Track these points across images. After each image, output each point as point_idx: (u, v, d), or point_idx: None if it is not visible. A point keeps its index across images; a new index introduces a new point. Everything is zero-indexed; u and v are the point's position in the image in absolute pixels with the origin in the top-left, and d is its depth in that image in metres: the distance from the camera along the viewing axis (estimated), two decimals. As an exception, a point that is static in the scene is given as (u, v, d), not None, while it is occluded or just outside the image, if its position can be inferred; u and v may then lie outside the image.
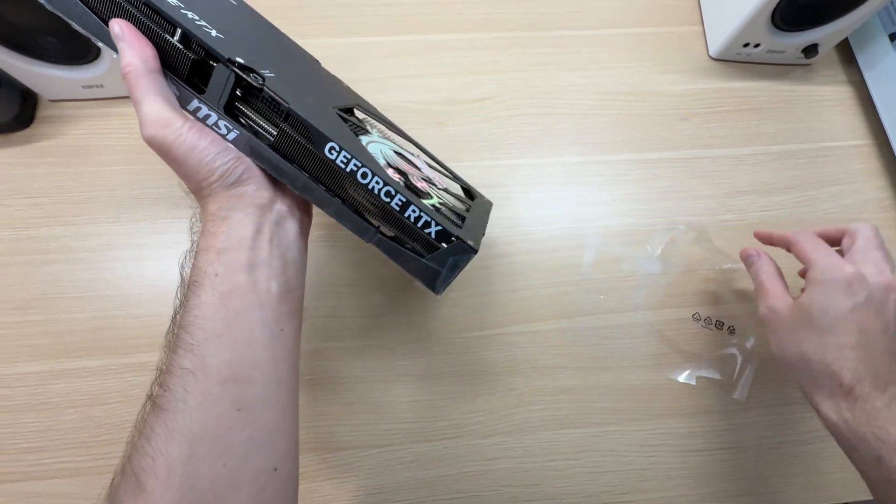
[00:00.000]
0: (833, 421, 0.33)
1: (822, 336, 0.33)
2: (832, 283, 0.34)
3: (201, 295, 0.26)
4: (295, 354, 0.29)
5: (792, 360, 0.35)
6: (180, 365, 0.25)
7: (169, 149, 0.27)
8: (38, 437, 0.41)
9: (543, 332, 0.47)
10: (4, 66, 0.43)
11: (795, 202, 0.53)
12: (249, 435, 0.25)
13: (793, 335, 0.35)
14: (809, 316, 0.34)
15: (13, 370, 0.42)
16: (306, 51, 0.41)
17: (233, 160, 0.28)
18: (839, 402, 0.33)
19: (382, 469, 0.43)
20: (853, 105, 0.58)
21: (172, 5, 0.27)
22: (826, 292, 0.34)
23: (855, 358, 0.32)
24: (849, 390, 0.32)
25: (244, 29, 0.33)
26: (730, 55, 0.57)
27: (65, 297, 0.44)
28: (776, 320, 0.36)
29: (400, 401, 0.45)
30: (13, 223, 0.46)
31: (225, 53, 0.27)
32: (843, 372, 0.32)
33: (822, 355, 0.33)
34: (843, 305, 0.33)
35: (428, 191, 0.33)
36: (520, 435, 0.45)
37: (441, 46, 0.55)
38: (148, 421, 0.24)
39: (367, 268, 0.47)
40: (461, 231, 0.31)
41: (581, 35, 0.57)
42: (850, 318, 0.33)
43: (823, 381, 0.33)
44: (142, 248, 0.46)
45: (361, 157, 0.29)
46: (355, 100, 0.38)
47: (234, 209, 0.28)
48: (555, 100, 0.54)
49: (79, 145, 0.48)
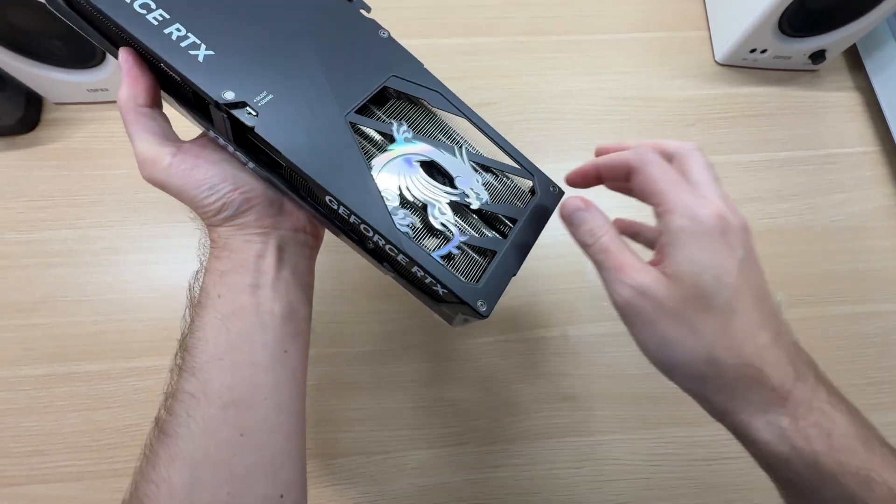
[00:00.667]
0: (776, 450, 0.22)
1: (726, 320, 0.22)
2: (706, 233, 0.22)
3: (204, 317, 0.26)
4: (301, 377, 0.29)
5: (691, 368, 0.23)
6: (184, 389, 0.25)
7: (163, 187, 0.27)
8: (41, 440, 0.41)
9: (547, 339, 0.47)
10: (9, 68, 0.43)
11: (802, 209, 0.53)
12: (253, 461, 0.25)
13: (683, 327, 0.22)
14: (701, 291, 0.22)
15: (16, 373, 0.42)
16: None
17: (228, 193, 0.27)
18: (778, 417, 0.21)
19: (385, 476, 0.43)
20: (861, 111, 0.57)
21: (153, 25, 0.25)
22: (708, 249, 0.22)
23: (771, 342, 0.22)
24: (785, 395, 0.21)
25: (250, 6, 0.28)
26: (736, 60, 0.57)
27: (68, 300, 0.44)
28: (649, 309, 0.22)
29: (402, 407, 0.44)
30: (17, 226, 0.46)
31: (212, 89, 0.24)
32: (769, 368, 0.22)
33: (736, 350, 0.22)
34: (731, 267, 0.22)
35: (450, 228, 0.28)
36: (523, 442, 0.44)
37: (447, 51, 0.55)
38: (154, 446, 0.24)
39: (369, 273, 0.47)
40: (472, 292, 0.27)
41: (588, 40, 0.57)
42: (743, 283, 0.22)
43: (746, 390, 0.22)
44: (146, 252, 0.46)
45: (363, 210, 0.26)
46: (390, 69, 0.30)
47: (236, 236, 0.28)
48: (561, 105, 0.54)
49: (83, 148, 0.49)
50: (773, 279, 0.23)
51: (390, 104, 0.31)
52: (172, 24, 0.25)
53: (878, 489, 0.20)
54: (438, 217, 0.28)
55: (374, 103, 0.30)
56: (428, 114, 0.32)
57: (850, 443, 0.21)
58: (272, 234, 0.28)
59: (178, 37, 0.25)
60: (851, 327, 0.49)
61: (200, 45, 0.25)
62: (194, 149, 0.27)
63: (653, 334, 0.23)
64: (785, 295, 0.49)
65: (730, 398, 0.22)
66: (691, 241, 0.22)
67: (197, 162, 0.27)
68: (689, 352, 0.22)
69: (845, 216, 0.53)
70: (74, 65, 0.45)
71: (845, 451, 0.21)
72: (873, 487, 0.20)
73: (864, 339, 0.49)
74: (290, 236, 0.29)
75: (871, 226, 0.53)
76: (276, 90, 0.26)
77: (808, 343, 0.48)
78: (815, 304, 0.50)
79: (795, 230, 0.52)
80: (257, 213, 0.28)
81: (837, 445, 0.21)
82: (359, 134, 0.29)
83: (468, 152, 0.31)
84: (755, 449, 0.23)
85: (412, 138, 0.29)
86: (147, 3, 0.25)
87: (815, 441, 0.21)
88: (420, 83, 0.31)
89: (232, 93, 0.25)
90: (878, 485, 0.20)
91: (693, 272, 0.22)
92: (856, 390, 0.47)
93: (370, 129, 0.29)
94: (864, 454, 0.21)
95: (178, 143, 0.27)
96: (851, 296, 0.50)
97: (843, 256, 0.51)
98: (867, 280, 0.51)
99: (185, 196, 0.27)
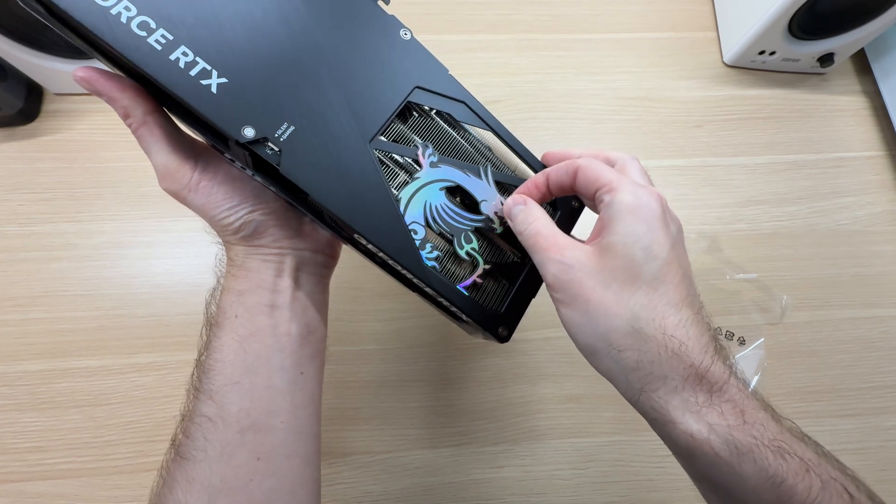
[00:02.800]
0: (693, 428, 0.21)
1: (653, 290, 0.21)
2: (648, 209, 0.22)
3: (222, 337, 0.26)
4: (317, 399, 0.28)
5: (614, 341, 0.22)
6: (201, 412, 0.25)
7: (184, 202, 0.26)
8: (40, 436, 0.41)
9: (552, 340, 0.47)
10: (10, 58, 0.43)
11: (808, 213, 0.53)
12: (270, 486, 0.25)
13: (609, 297, 0.22)
14: (630, 261, 0.22)
15: (15, 368, 0.42)
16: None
17: (247, 214, 0.26)
18: (695, 395, 0.21)
19: (388, 475, 0.42)
20: (868, 115, 0.57)
21: (156, 51, 0.21)
22: (643, 221, 0.22)
23: (693, 318, 0.22)
24: (703, 372, 0.21)
25: (258, 14, 0.24)
26: (744, 62, 0.57)
27: (69, 294, 0.44)
28: (576, 281, 0.22)
29: (406, 406, 0.44)
30: (17, 219, 0.45)
31: (230, 126, 0.22)
32: (691, 342, 0.21)
33: (660, 321, 0.21)
34: (665, 241, 0.22)
35: (475, 256, 0.28)
36: (527, 443, 0.44)
37: (454, 47, 0.55)
38: (170, 469, 0.24)
39: (373, 272, 0.47)
40: (494, 319, 0.28)
41: (596, 38, 0.57)
42: (673, 259, 0.22)
43: (666, 364, 0.21)
44: (147, 247, 0.46)
45: (391, 248, 0.26)
46: (413, 79, 0.28)
47: (253, 256, 0.27)
48: (569, 103, 0.54)
49: (84, 140, 0.48)
50: (777, 282, 0.23)
51: (414, 120, 0.29)
52: (178, 47, 0.22)
53: (791, 460, 0.20)
54: (465, 246, 0.28)
55: (398, 117, 0.28)
56: (454, 128, 0.31)
57: (762, 417, 0.21)
58: (289, 255, 0.28)
59: (187, 63, 0.22)
60: (855, 331, 0.49)
61: (212, 71, 0.22)
62: (213, 162, 0.27)
63: (578, 307, 0.22)
64: (790, 298, 0.49)
65: (648, 374, 0.21)
66: (631, 215, 0.22)
67: (217, 179, 0.26)
68: (612, 323, 0.22)
69: (850, 220, 0.53)
70: (77, 55, 0.44)
71: (758, 425, 0.20)
72: (786, 458, 0.20)
73: (867, 344, 0.49)
74: (307, 257, 0.29)
75: (876, 230, 0.53)
76: (296, 120, 0.24)
77: (812, 346, 0.48)
78: (819, 307, 0.50)
79: (801, 233, 0.52)
80: (275, 234, 0.28)
81: (750, 420, 0.21)
82: (384, 156, 0.27)
83: (493, 171, 0.30)
84: (672, 429, 0.21)
85: (438, 162, 0.29)
86: (146, 21, 0.21)
87: (730, 417, 0.21)
88: (445, 94, 0.29)
89: (252, 129, 0.23)
90: (790, 456, 0.20)
91: (626, 243, 0.22)
92: (858, 394, 0.47)
93: (395, 155, 0.28)
94: (775, 427, 0.21)
95: (195, 153, 0.26)
96: (855, 300, 0.50)
97: (848, 260, 0.52)
98: (871, 284, 0.51)
99: (204, 215, 0.27)
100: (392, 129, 0.28)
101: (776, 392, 0.47)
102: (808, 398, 0.47)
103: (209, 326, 0.27)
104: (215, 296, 0.28)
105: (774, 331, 0.49)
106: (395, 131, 0.28)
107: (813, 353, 0.48)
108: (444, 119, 0.30)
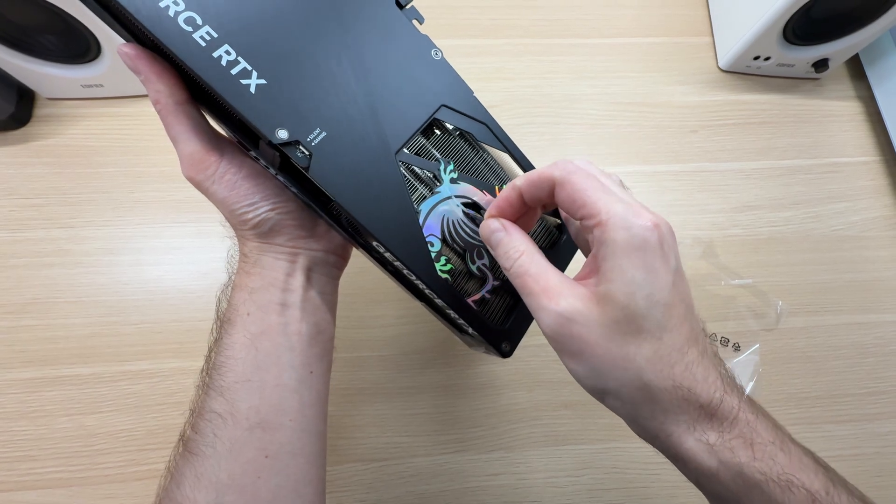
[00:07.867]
0: (706, 465, 0.21)
1: (658, 341, 0.21)
2: (644, 247, 0.20)
3: (233, 334, 0.26)
4: (324, 398, 0.29)
5: (624, 395, 0.21)
6: (211, 408, 0.25)
7: (205, 192, 0.26)
8: (30, 445, 0.40)
9: (546, 346, 0.46)
10: (1, 62, 0.42)
11: (803, 218, 0.53)
12: (277, 484, 0.25)
13: (614, 354, 0.21)
14: (633, 313, 0.20)
15: (5, 376, 0.41)
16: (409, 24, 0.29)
17: (266, 211, 0.27)
18: (706, 433, 0.21)
19: (382, 483, 0.42)
20: (862, 121, 0.57)
21: (200, 47, 0.22)
22: (644, 265, 0.20)
23: (699, 357, 0.21)
24: (712, 411, 0.21)
25: (299, 20, 0.25)
26: (739, 67, 0.57)
27: (60, 301, 0.43)
28: (577, 337, 0.21)
29: (401, 414, 0.44)
30: (8, 224, 0.45)
31: (266, 126, 0.23)
32: (699, 386, 0.21)
33: (668, 373, 0.21)
34: (665, 282, 0.21)
35: (486, 272, 0.29)
36: (522, 450, 0.44)
37: (450, 52, 0.54)
38: (178, 465, 0.24)
39: (369, 277, 0.46)
40: (499, 335, 0.29)
41: (592, 43, 0.57)
42: (675, 297, 0.21)
43: (678, 411, 0.21)
44: (140, 253, 0.45)
45: (408, 257, 0.26)
46: (440, 98, 0.29)
47: (267, 253, 0.27)
48: (564, 108, 0.54)
49: (77, 145, 0.47)
50: (772, 287, 0.23)
51: (437, 137, 0.30)
52: (221, 45, 0.22)
53: (798, 492, 0.20)
54: (477, 262, 0.29)
55: (421, 133, 0.29)
56: (473, 147, 0.31)
57: (771, 450, 0.21)
58: (302, 254, 0.28)
59: (228, 62, 0.22)
60: (850, 337, 0.49)
61: (252, 72, 0.23)
62: (238, 157, 0.27)
63: (583, 363, 0.21)
64: (785, 303, 0.49)
65: (662, 422, 0.21)
66: (627, 258, 0.20)
67: (241, 173, 0.26)
68: (621, 379, 0.21)
69: (845, 226, 0.53)
70: (68, 60, 0.44)
71: (767, 459, 0.21)
72: (793, 491, 0.20)
73: (862, 349, 0.49)
74: (320, 257, 0.29)
75: (870, 235, 0.53)
76: (328, 126, 0.24)
77: (807, 352, 0.48)
78: (814, 313, 0.50)
79: (795, 239, 0.52)
80: (290, 233, 0.28)
81: (759, 455, 0.21)
82: (406, 169, 0.28)
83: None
84: (685, 465, 0.22)
85: (458, 179, 0.29)
86: (192, 17, 0.22)
87: (740, 452, 0.21)
88: (469, 114, 0.30)
89: (286, 131, 0.23)
90: (797, 488, 0.20)
91: (626, 292, 0.20)
92: (853, 400, 0.47)
93: (417, 168, 0.29)
94: (784, 459, 0.21)
95: (221, 145, 0.26)
96: (850, 305, 0.50)
97: (843, 266, 0.52)
98: (866, 290, 0.51)
99: (224, 207, 0.27)
100: (415, 142, 0.29)
101: (771, 398, 0.47)
102: (803, 404, 0.47)
103: (220, 323, 0.27)
104: (226, 292, 0.28)
105: (769, 336, 0.48)
106: (417, 145, 0.29)
107: (808, 359, 0.48)
108: (465, 138, 0.31)
